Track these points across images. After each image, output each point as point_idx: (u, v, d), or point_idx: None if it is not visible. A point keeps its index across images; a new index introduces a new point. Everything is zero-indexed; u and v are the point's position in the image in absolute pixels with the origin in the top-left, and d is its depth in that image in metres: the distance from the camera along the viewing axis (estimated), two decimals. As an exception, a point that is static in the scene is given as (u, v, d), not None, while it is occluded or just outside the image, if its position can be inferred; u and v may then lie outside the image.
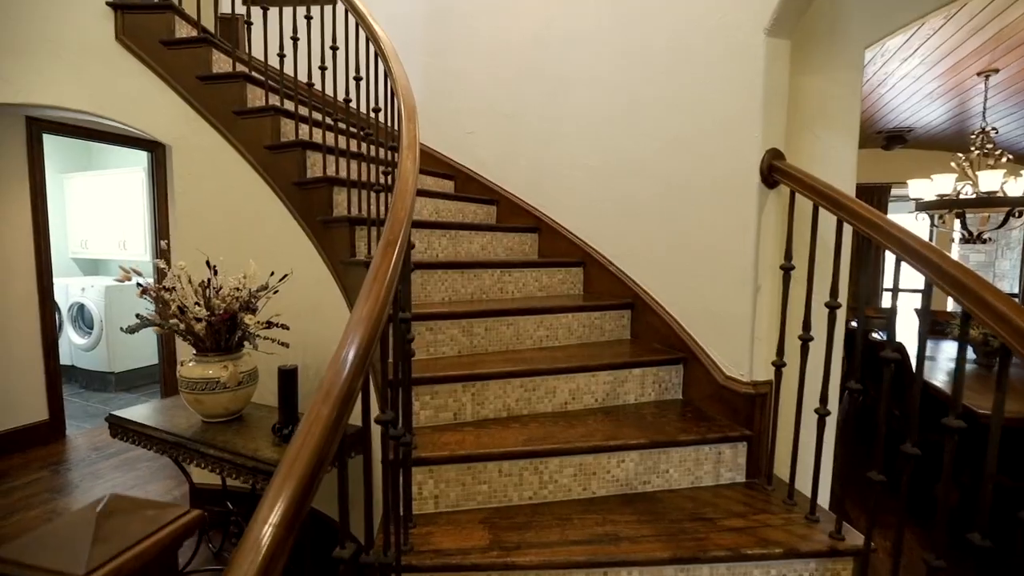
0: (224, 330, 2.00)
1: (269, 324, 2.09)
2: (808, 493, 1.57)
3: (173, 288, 1.96)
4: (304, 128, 2.45)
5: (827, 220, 1.49)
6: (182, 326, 1.98)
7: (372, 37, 1.99)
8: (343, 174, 2.32)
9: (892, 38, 1.93)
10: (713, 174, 1.88)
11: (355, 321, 0.89)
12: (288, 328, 2.18)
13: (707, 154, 1.91)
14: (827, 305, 1.44)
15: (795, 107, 1.78)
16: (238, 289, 1.99)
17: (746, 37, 1.70)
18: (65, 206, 5.43)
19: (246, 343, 2.12)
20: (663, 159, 2.12)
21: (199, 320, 1.93)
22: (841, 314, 1.50)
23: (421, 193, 2.72)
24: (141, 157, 4.55)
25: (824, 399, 1.48)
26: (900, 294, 1.31)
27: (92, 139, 3.96)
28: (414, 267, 2.10)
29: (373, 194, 2.04)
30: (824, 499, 1.73)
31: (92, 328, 4.97)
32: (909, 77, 3.96)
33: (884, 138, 5.74)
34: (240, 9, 3.05)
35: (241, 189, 2.51)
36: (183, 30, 2.63)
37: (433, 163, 3.29)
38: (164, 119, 2.60)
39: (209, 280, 2.03)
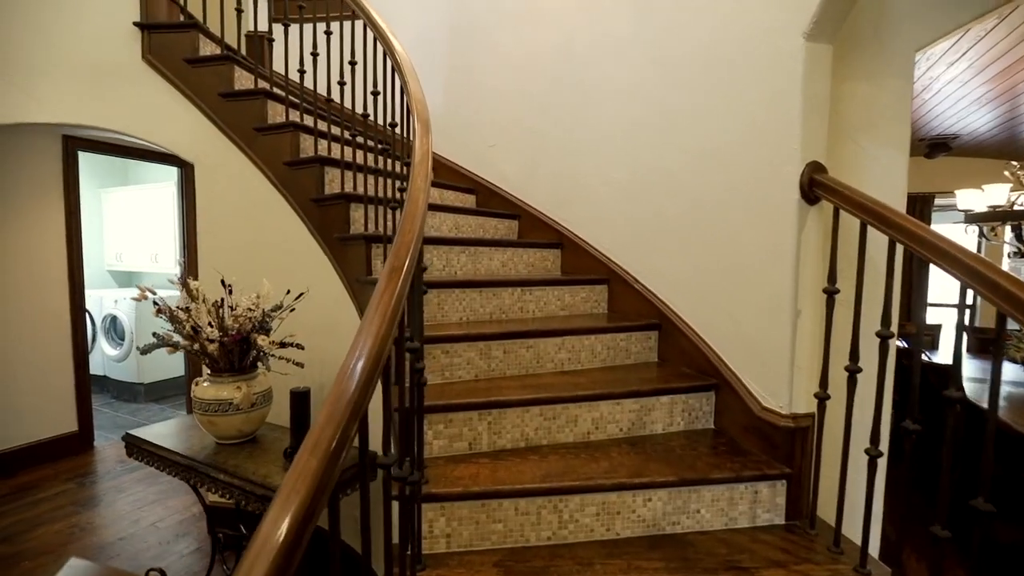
0: (237, 351, 1.96)
1: (283, 344, 2.04)
2: (854, 538, 1.42)
3: (187, 308, 1.94)
4: (323, 144, 2.42)
5: (875, 239, 1.36)
6: (196, 346, 1.94)
7: (389, 51, 1.94)
8: (361, 190, 2.28)
9: (939, 43, 1.79)
10: (747, 189, 1.76)
11: (351, 360, 0.81)
12: (303, 348, 2.14)
13: (741, 167, 1.78)
14: (879, 335, 1.30)
15: (837, 117, 1.65)
16: (251, 309, 1.95)
17: (783, 42, 1.59)
18: (102, 220, 5.60)
19: (260, 364, 2.08)
20: (693, 172, 2.01)
21: (212, 341, 1.90)
22: (892, 343, 1.36)
23: (441, 208, 2.66)
24: (172, 172, 4.65)
25: (875, 438, 1.34)
26: (940, 307, 1.17)
27: (124, 156, 4.05)
28: (427, 289, 2.02)
29: (389, 211, 1.98)
30: (874, 547, 1.57)
31: (123, 339, 5.07)
32: (956, 82, 3.74)
33: (927, 146, 5.46)
34: (264, 27, 3.07)
35: (260, 206, 2.50)
36: (207, 48, 2.65)
37: (455, 177, 3.24)
38: (187, 137, 2.61)
39: (223, 300, 2.00)
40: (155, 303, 2.01)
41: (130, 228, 5.42)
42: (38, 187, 3.59)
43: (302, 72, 2.42)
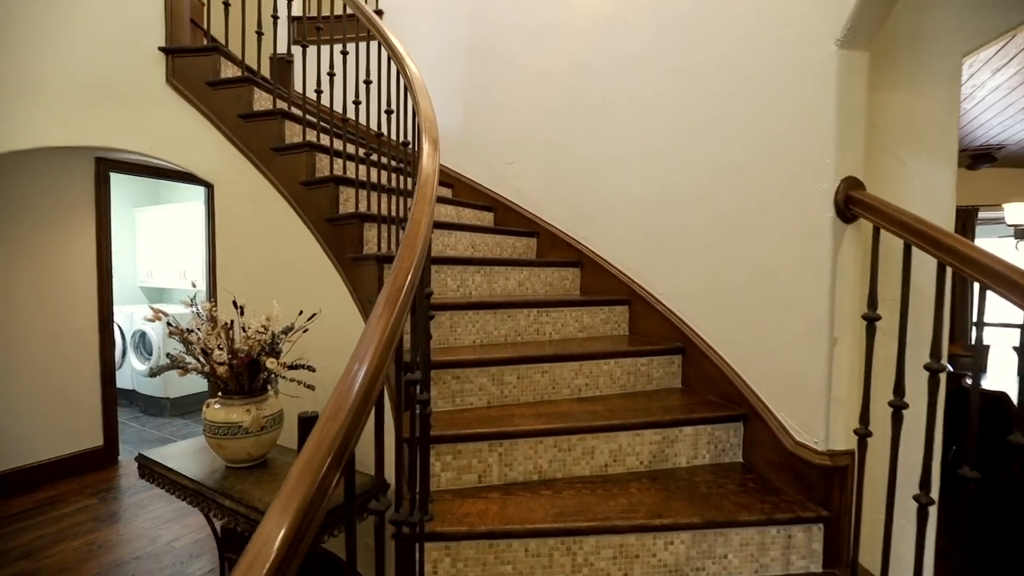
0: (246, 373, 1.92)
1: (293, 366, 2.00)
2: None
3: (198, 330, 1.92)
4: (338, 163, 2.41)
5: (919, 260, 1.24)
6: (206, 368, 1.92)
7: (402, 69, 1.91)
8: (374, 209, 2.24)
9: (984, 49, 1.66)
10: (777, 205, 1.65)
11: (333, 407, 0.74)
12: (314, 370, 2.09)
13: (770, 183, 1.68)
14: (927, 367, 1.18)
15: (875, 129, 1.54)
16: (260, 331, 1.92)
17: (814, 50, 1.49)
18: (135, 237, 5.76)
19: (269, 386, 2.04)
20: (719, 189, 1.90)
21: (221, 363, 1.87)
22: (943, 376, 1.23)
23: (458, 227, 2.61)
24: (201, 192, 4.76)
25: (926, 484, 1.20)
26: (994, 327, 1.04)
27: (154, 177, 4.15)
28: (433, 314, 1.96)
29: (402, 231, 1.93)
30: (926, 602, 1.42)
31: (152, 354, 5.17)
32: (1001, 89, 3.53)
33: (969, 157, 5.19)
34: (285, 48, 3.11)
35: (277, 225, 2.49)
36: (228, 70, 2.68)
37: (472, 194, 3.20)
38: (208, 157, 2.63)
39: (233, 322, 1.97)
40: (168, 323, 2.01)
41: (161, 246, 5.56)
42: (71, 208, 3.69)
43: (319, 92, 2.42)
